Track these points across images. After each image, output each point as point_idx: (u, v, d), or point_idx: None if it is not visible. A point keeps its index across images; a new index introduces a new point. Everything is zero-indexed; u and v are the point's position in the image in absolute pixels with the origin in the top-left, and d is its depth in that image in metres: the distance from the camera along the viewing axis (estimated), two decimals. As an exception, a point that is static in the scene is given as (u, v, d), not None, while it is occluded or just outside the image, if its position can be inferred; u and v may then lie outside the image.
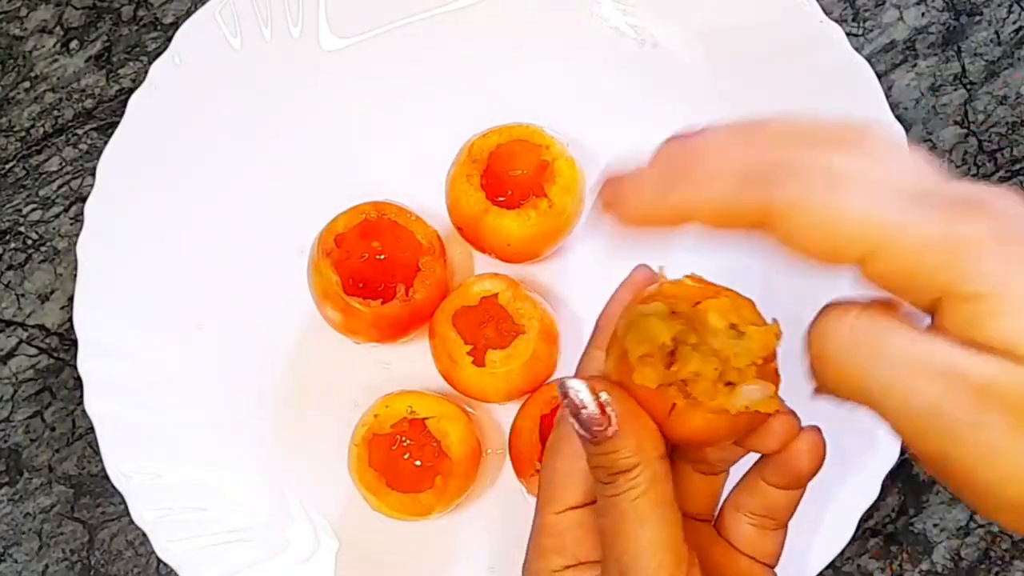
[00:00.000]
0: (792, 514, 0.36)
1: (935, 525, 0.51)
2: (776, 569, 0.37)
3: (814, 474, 0.35)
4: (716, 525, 0.37)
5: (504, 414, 0.51)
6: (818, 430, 0.35)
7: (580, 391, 0.32)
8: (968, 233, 0.26)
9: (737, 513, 0.36)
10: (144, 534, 0.49)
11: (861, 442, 0.48)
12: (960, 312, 0.26)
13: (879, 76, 0.51)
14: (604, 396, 0.32)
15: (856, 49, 0.51)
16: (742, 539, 0.36)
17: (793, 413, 0.34)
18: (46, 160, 0.55)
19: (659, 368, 0.32)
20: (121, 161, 0.52)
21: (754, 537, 0.36)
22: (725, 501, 0.37)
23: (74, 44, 0.57)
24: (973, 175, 0.54)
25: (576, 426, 0.32)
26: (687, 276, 0.33)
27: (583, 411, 0.32)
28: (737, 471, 0.37)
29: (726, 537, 0.36)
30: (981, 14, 0.56)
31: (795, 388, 0.32)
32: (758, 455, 0.36)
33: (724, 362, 0.32)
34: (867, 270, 0.27)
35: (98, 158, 0.52)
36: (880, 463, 0.48)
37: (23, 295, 0.54)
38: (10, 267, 0.55)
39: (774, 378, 0.33)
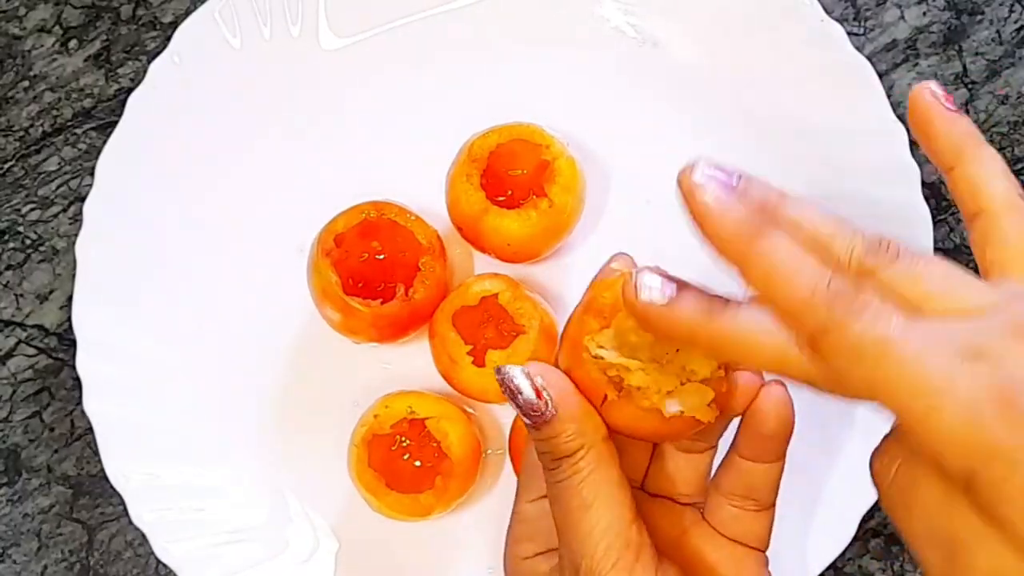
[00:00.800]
0: (775, 494, 0.36)
1: (936, 525, 0.51)
2: (776, 568, 0.36)
3: (784, 438, 0.35)
4: (702, 510, 0.37)
5: (504, 414, 0.51)
6: (782, 386, 0.34)
7: (515, 376, 0.33)
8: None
9: (719, 495, 0.36)
10: (143, 535, 0.49)
11: (862, 443, 0.48)
12: (987, 487, 0.25)
13: (880, 75, 0.51)
14: (539, 380, 0.32)
15: (857, 48, 0.51)
16: (727, 522, 0.36)
17: (758, 375, 0.34)
18: (45, 160, 0.55)
19: (602, 359, 0.32)
20: (120, 161, 0.52)
21: (738, 519, 0.35)
22: (709, 484, 0.37)
23: (73, 43, 0.56)
24: (974, 175, 0.54)
25: (516, 409, 0.33)
26: (648, 268, 0.32)
27: (520, 396, 0.33)
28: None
29: (710, 521, 0.36)
30: (982, 13, 0.55)
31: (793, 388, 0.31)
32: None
33: (676, 363, 0.32)
34: (914, 427, 0.26)
35: (97, 158, 0.51)
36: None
37: (22, 295, 0.54)
38: (9, 267, 0.54)
39: (722, 385, 0.32)
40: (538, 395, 0.32)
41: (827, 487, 0.49)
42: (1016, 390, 0.25)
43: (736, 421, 0.36)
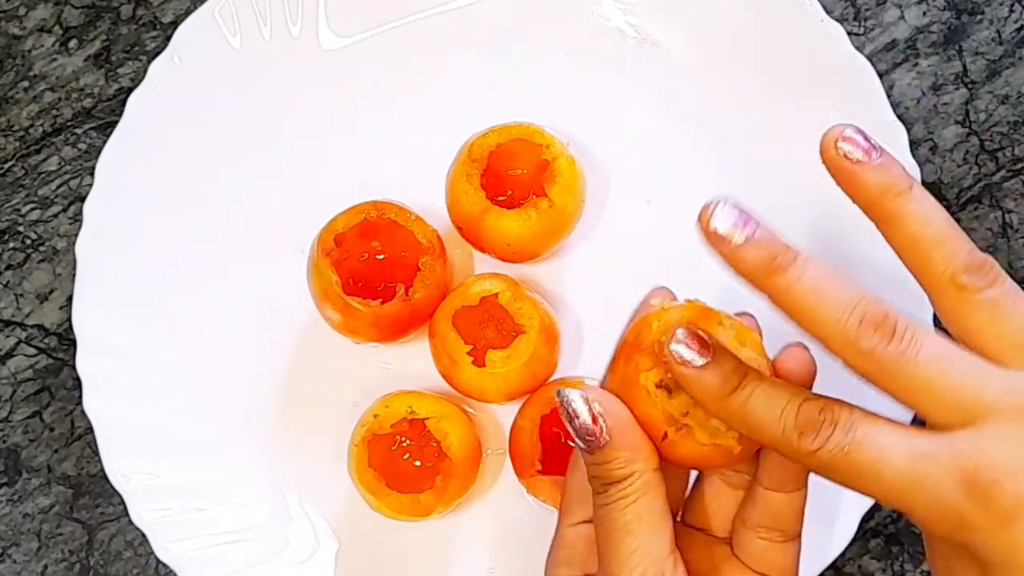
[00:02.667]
0: (800, 525, 0.36)
1: (936, 525, 0.51)
2: None
3: (807, 472, 0.35)
4: (730, 544, 0.37)
5: (504, 414, 0.51)
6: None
7: (574, 400, 0.33)
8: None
9: (745, 528, 0.36)
10: (143, 534, 0.49)
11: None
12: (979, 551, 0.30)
13: (880, 75, 0.51)
14: (598, 407, 0.33)
15: (857, 48, 0.51)
16: (755, 556, 0.36)
17: None
18: (45, 159, 0.55)
19: (662, 396, 0.33)
20: (120, 161, 0.52)
21: (766, 553, 0.36)
22: (734, 518, 0.37)
23: (73, 43, 0.56)
24: (975, 174, 0.54)
25: (572, 434, 0.33)
26: (689, 301, 0.35)
27: (576, 420, 0.33)
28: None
29: (739, 556, 0.36)
30: (982, 13, 0.55)
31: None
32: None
33: None
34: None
35: (97, 157, 0.51)
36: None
37: (22, 295, 0.54)
38: (9, 267, 0.54)
39: None
40: (594, 421, 0.33)
41: (827, 487, 0.49)
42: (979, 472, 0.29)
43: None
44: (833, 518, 0.48)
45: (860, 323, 0.31)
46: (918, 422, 0.32)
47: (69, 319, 0.51)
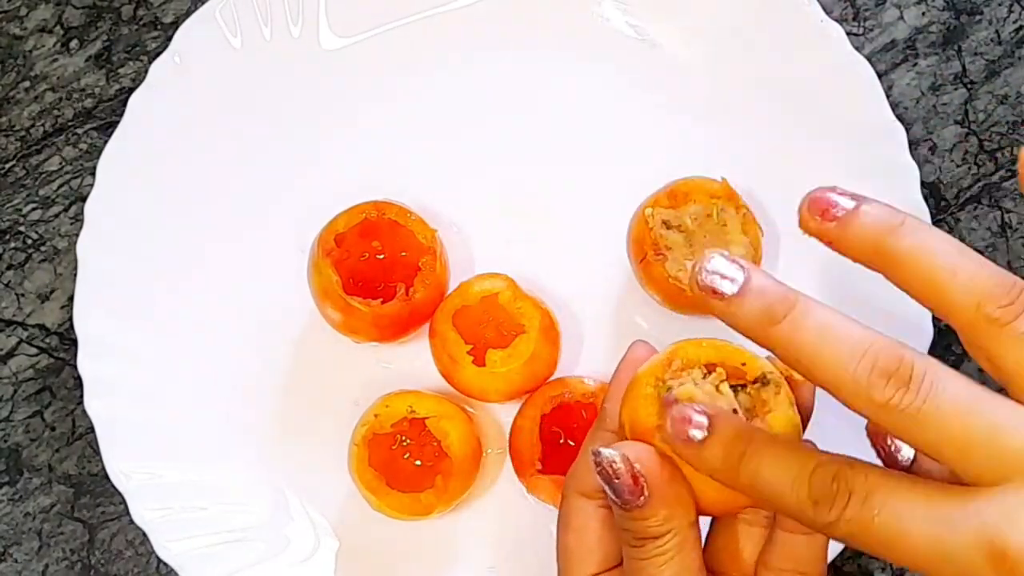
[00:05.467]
0: (823, 565, 0.35)
1: (935, 525, 0.51)
2: None
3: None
4: None
5: (504, 414, 0.51)
6: None
7: (615, 461, 0.32)
8: None
9: (768, 571, 0.35)
10: (144, 534, 0.49)
11: (863, 442, 0.48)
12: None
13: (879, 75, 0.51)
14: (638, 467, 0.32)
15: (856, 48, 0.51)
16: None
17: None
18: (46, 160, 0.55)
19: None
20: (121, 161, 0.52)
21: None
22: (757, 563, 0.36)
23: (74, 43, 0.57)
24: (974, 175, 0.54)
25: (608, 492, 0.32)
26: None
27: (615, 480, 0.32)
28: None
29: None
30: (981, 13, 0.55)
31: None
32: None
33: None
34: None
35: (98, 157, 0.52)
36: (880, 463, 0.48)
37: (23, 295, 0.54)
38: (10, 267, 0.55)
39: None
40: (635, 481, 0.32)
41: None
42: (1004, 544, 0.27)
43: None
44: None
45: (871, 372, 0.28)
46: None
47: (70, 319, 0.51)
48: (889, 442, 0.34)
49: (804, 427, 0.34)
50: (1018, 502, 0.27)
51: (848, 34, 0.51)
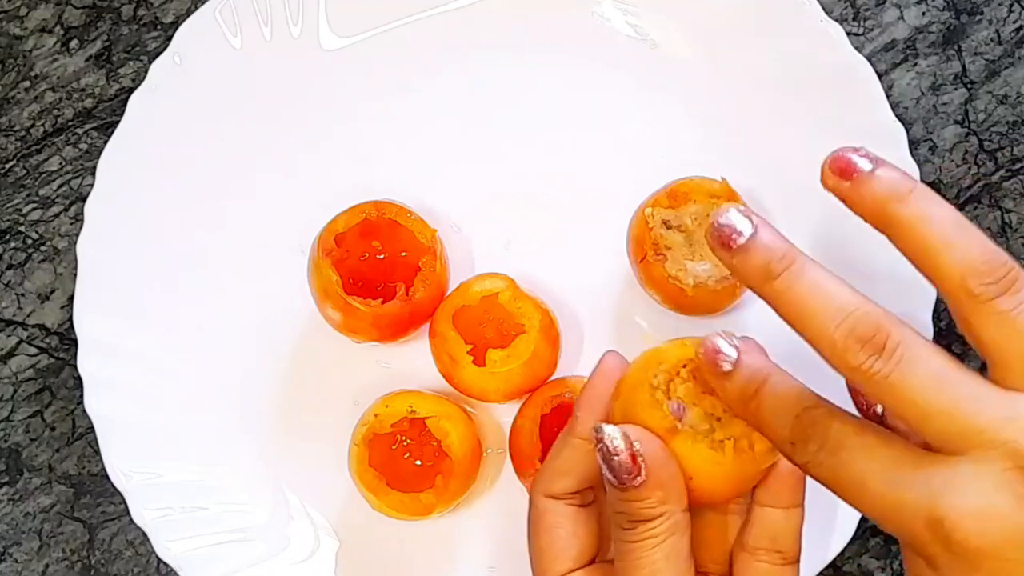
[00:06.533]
0: (798, 547, 0.36)
1: (935, 525, 0.51)
2: None
3: (799, 478, 0.35)
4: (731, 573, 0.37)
5: (504, 414, 0.51)
6: None
7: (615, 438, 0.33)
8: None
9: (744, 553, 0.36)
10: (144, 534, 0.49)
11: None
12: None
13: (879, 75, 0.51)
14: (638, 446, 0.33)
15: (856, 48, 0.51)
16: None
17: None
18: (46, 159, 0.55)
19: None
20: (121, 160, 0.52)
21: None
22: (733, 546, 0.36)
23: (74, 43, 0.57)
24: (974, 174, 0.54)
25: (605, 471, 0.33)
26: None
27: (614, 457, 0.33)
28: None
29: None
30: (981, 13, 0.55)
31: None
32: None
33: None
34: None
35: (98, 157, 0.52)
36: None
37: (23, 294, 0.54)
38: (10, 266, 0.55)
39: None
40: (633, 460, 0.33)
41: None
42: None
43: None
44: (832, 517, 0.48)
45: (848, 336, 0.29)
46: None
47: (70, 319, 0.51)
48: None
49: None
50: (966, 473, 0.28)
51: (848, 34, 0.51)
